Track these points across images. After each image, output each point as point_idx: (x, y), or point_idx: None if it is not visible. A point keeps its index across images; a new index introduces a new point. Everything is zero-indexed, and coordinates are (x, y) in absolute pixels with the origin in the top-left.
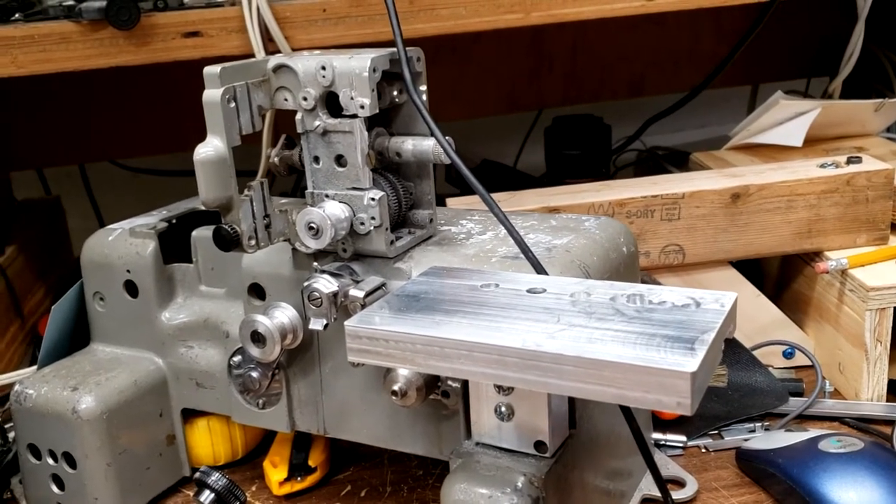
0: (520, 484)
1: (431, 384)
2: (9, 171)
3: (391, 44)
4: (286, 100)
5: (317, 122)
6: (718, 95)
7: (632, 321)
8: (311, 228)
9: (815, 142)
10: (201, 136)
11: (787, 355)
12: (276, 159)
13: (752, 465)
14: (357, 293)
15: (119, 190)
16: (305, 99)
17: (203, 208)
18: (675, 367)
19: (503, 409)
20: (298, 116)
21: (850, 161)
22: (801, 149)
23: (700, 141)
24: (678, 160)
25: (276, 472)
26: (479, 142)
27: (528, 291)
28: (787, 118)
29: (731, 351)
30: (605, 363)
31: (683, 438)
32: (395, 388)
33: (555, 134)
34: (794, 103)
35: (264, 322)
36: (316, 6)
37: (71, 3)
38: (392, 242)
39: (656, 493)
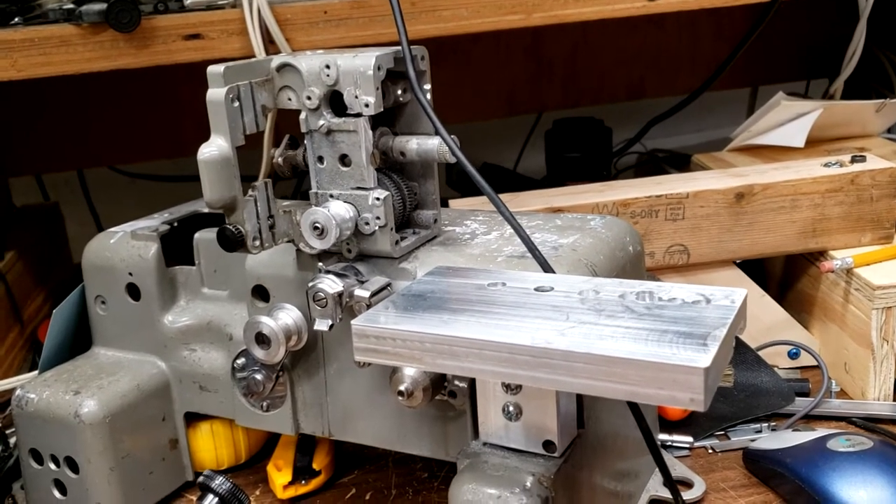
0: (529, 484)
1: (438, 384)
2: (7, 177)
3: (392, 45)
4: (290, 99)
5: (321, 122)
6: (718, 98)
7: (642, 318)
8: (315, 228)
9: (816, 143)
10: (201, 141)
11: (793, 355)
12: (279, 159)
13: (760, 466)
14: (362, 293)
15: (118, 196)
16: (309, 98)
17: (205, 211)
18: (688, 362)
19: (511, 408)
20: (302, 116)
21: (854, 160)
22: (802, 150)
23: (700, 143)
24: (679, 162)
25: (280, 475)
26: (479, 145)
27: (536, 290)
28: (788, 119)
29: (737, 351)
30: (616, 360)
31: (690, 439)
32: (402, 388)
33: (555, 137)
34: (795, 104)
35: (269, 323)
36: (317, 8)
37: (71, 6)
38: (397, 242)
39: (664, 493)
